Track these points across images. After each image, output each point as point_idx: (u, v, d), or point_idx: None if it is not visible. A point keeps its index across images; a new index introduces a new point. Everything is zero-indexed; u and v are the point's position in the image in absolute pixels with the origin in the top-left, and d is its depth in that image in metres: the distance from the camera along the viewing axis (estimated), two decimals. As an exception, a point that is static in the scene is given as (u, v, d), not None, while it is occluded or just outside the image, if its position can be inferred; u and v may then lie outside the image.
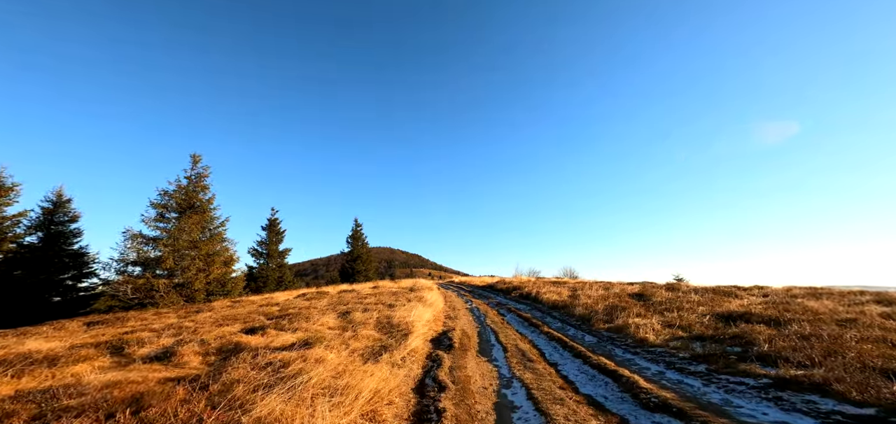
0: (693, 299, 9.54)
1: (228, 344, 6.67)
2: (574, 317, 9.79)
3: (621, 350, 6.34)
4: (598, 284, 16.54)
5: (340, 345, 6.62)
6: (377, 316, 10.21)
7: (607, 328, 7.76)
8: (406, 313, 10.11)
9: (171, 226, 18.53)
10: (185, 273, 17.85)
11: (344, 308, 12.23)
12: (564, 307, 10.97)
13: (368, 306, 12.29)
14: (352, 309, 11.73)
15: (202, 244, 18.83)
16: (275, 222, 30.35)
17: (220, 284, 19.45)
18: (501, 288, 19.83)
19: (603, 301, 10.34)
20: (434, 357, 6.69)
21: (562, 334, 8.09)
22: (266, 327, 8.49)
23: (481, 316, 11.80)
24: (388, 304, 12.79)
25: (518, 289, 17.05)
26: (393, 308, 11.72)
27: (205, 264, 18.81)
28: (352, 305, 12.72)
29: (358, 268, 33.10)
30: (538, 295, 13.68)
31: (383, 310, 11.23)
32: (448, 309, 13.71)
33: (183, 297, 17.69)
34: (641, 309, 8.55)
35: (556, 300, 12.09)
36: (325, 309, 12.21)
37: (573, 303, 10.77)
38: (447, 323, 10.39)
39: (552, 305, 11.81)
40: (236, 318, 10.65)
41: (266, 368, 4.60)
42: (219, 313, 12.31)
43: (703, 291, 11.67)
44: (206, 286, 18.56)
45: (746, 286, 14.19)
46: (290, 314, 11.11)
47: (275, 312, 11.96)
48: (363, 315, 10.38)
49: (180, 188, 19.66)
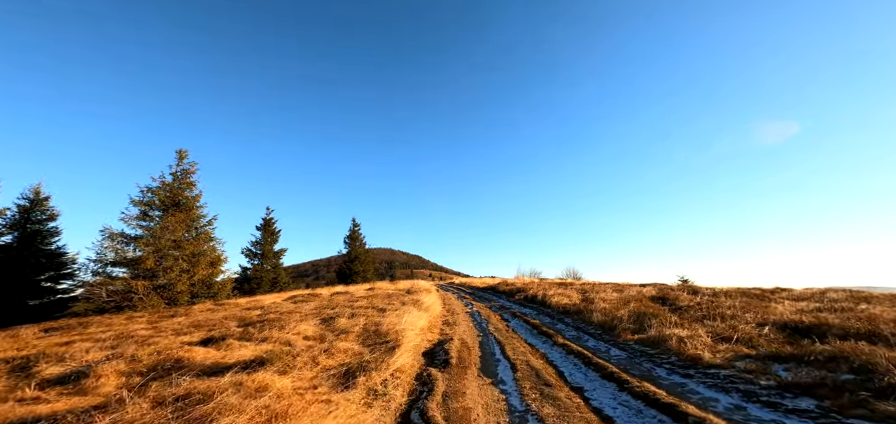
0: (726, 304, 8.04)
1: (166, 360, 5.22)
2: (591, 325, 8.30)
3: (664, 369, 4.86)
4: (609, 285, 15.03)
5: (307, 363, 5.16)
6: (364, 323, 8.75)
7: (637, 339, 6.27)
8: (397, 319, 8.65)
9: (154, 225, 17.12)
10: (167, 274, 16.42)
11: (331, 312, 10.77)
12: (578, 312, 9.48)
13: (358, 310, 10.83)
14: (339, 313, 10.27)
15: (186, 243, 17.41)
16: (270, 222, 28.95)
17: (206, 286, 18.01)
18: (504, 290, 18.33)
19: (623, 305, 8.85)
20: (425, 378, 5.22)
21: (581, 346, 6.61)
22: (228, 337, 7.04)
23: (483, 321, 10.32)
24: (379, 308, 11.33)
25: (522, 291, 15.56)
26: (384, 312, 10.26)
27: (189, 265, 17.37)
28: (340, 309, 11.27)
29: (356, 269, 31.63)
30: (545, 299, 12.18)
31: (373, 316, 9.77)
32: (446, 313, 12.23)
33: (164, 300, 16.24)
34: (674, 316, 7.07)
35: (567, 304, 10.59)
36: (310, 313, 10.76)
37: (588, 308, 9.28)
38: (444, 331, 8.91)
39: (563, 310, 10.32)
40: (205, 325, 9.20)
41: (175, 404, 3.15)
42: (193, 318, 10.87)
43: (731, 294, 10.17)
44: (190, 288, 17.12)
45: (769, 288, 12.69)
46: (268, 319, 9.66)
47: (253, 317, 10.52)
48: (349, 321, 8.92)
49: (165, 185, 18.26)
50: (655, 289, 12.04)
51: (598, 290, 12.80)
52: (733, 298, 9.23)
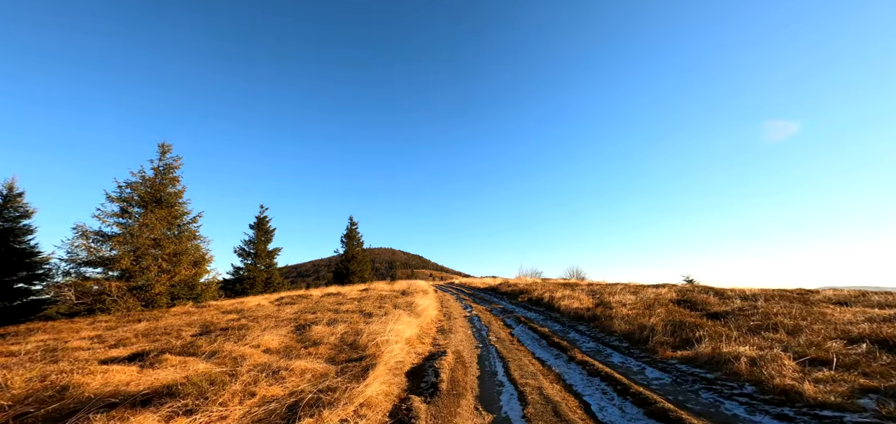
0: (778, 310, 6.54)
1: (48, 388, 3.77)
2: (613, 335, 6.77)
3: (742, 406, 3.36)
4: (620, 286, 13.52)
5: (240, 394, 3.70)
6: (343, 332, 7.29)
7: (682, 358, 4.78)
8: (382, 326, 7.19)
9: (131, 222, 15.72)
10: (144, 274, 15.01)
11: (311, 317, 9.33)
12: (593, 318, 7.95)
13: (342, 315, 9.37)
14: (319, 319, 8.81)
15: (167, 242, 15.99)
16: (263, 220, 27.55)
17: (188, 287, 16.58)
18: (505, 291, 16.84)
19: (645, 310, 7.36)
20: (403, 414, 3.76)
21: (605, 364, 5.13)
22: (167, 352, 5.58)
23: (483, 328, 8.85)
24: (367, 313, 9.87)
25: (526, 293, 14.06)
26: (371, 318, 8.81)
27: (169, 265, 15.96)
28: (323, 313, 9.81)
29: (352, 269, 30.18)
30: (553, 302, 10.67)
31: (356, 322, 8.31)
32: (441, 317, 10.76)
33: (141, 302, 14.83)
34: (720, 325, 5.58)
35: (578, 308, 9.09)
36: (288, 318, 9.32)
37: (605, 314, 7.76)
38: (437, 342, 7.44)
39: (574, 315, 8.81)
40: (156, 334, 7.76)
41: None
42: (154, 324, 9.44)
43: (770, 297, 8.65)
44: (169, 289, 15.70)
45: (806, 290, 11.16)
46: (236, 326, 8.21)
47: (221, 323, 9.09)
48: (326, 329, 7.46)
49: (145, 180, 16.87)
50: (675, 291, 10.53)
51: (611, 292, 11.30)
52: (774, 302, 7.71)
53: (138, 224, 15.52)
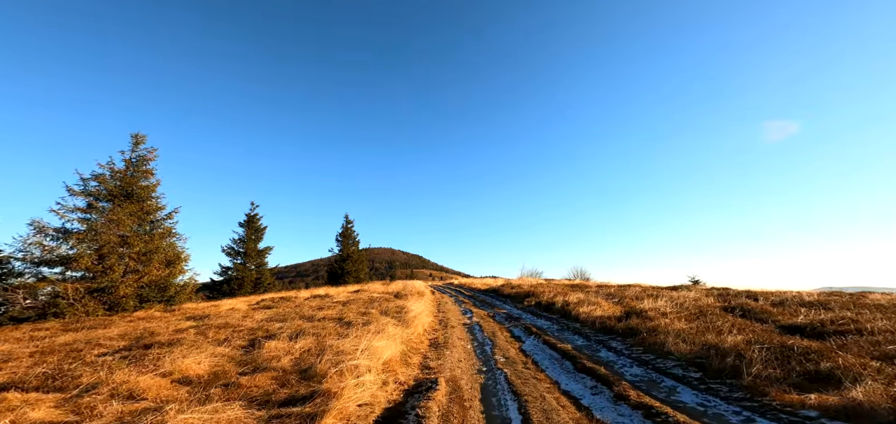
0: (881, 323, 4.72)
1: None
2: (666, 356, 4.87)
3: None
4: (642, 289, 11.67)
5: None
6: (304, 350, 5.46)
7: (820, 405, 2.92)
8: (356, 343, 5.37)
9: (96, 218, 13.88)
10: (108, 275, 13.17)
11: (276, 326, 7.48)
12: (629, 333, 6.05)
13: (314, 325, 7.53)
14: (281, 331, 6.96)
15: (135, 239, 14.13)
16: (254, 217, 25.70)
17: (159, 289, 14.71)
18: (508, 294, 15.00)
19: (703, 322, 5.53)
20: None
21: (682, 411, 3.29)
22: (14, 387, 3.75)
23: (486, 341, 7.02)
24: (347, 321, 8.05)
25: (532, 296, 12.22)
26: (348, 329, 6.98)
27: (138, 264, 14.12)
28: (292, 322, 7.97)
29: (347, 269, 28.31)
30: (568, 307, 8.82)
31: (328, 335, 6.47)
32: (437, 324, 8.93)
33: (104, 305, 12.98)
34: (832, 349, 3.76)
35: (603, 316, 7.24)
36: (246, 330, 7.46)
37: (646, 326, 5.89)
38: (427, 363, 5.62)
39: (600, 326, 6.93)
40: (66, 350, 5.90)
41: None
42: (83, 334, 7.57)
43: (829, 303, 6.80)
44: (138, 291, 13.85)
45: (861, 291, 9.38)
46: (178, 341, 6.35)
47: (169, 333, 7.23)
48: (282, 346, 5.62)
49: (115, 172, 15.02)
50: (714, 296, 8.70)
51: (634, 296, 9.47)
52: (846, 308, 5.88)
53: (102, 220, 13.69)
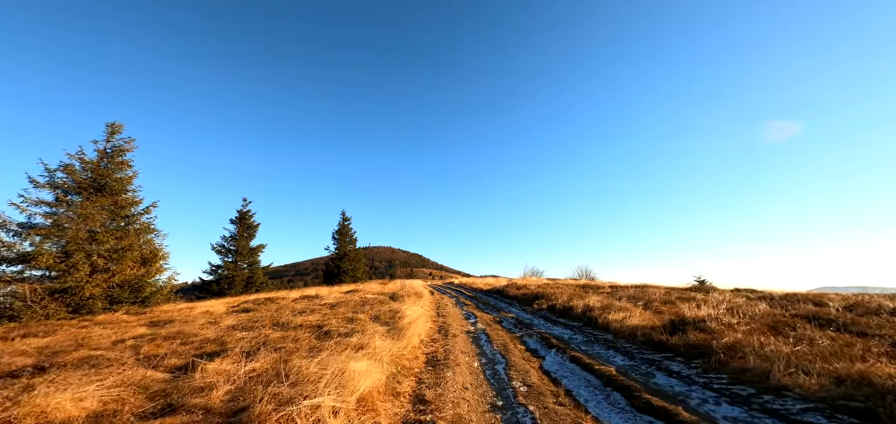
0: None
1: None
2: (786, 392, 3.28)
3: None
4: (666, 291, 10.16)
5: None
6: (249, 375, 3.95)
7: None
8: (326, 367, 3.86)
9: (62, 212, 12.38)
10: (72, 274, 11.67)
11: (238, 336, 5.99)
12: (693, 352, 4.46)
13: (285, 336, 6.03)
14: (238, 344, 5.45)
15: (105, 235, 12.63)
16: (246, 214, 24.22)
17: (133, 289, 13.21)
18: (514, 295, 13.47)
19: (788, 336, 4.03)
20: None
21: None
22: None
23: (496, 356, 5.52)
24: (327, 330, 6.54)
25: (542, 298, 10.69)
26: (327, 340, 5.49)
27: (108, 262, 12.62)
28: (259, 331, 6.46)
29: (344, 268, 26.80)
30: (592, 313, 7.30)
31: (295, 354, 4.94)
32: (435, 333, 7.41)
33: (67, 307, 11.49)
34: None
35: (640, 325, 5.72)
36: (199, 344, 5.96)
37: (714, 343, 4.36)
38: (421, 393, 4.11)
39: (642, 339, 5.40)
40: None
41: None
42: (12, 344, 6.08)
43: None
44: (107, 291, 12.35)
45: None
46: (85, 360, 4.84)
47: (99, 343, 5.73)
48: (225, 370, 4.11)
49: (86, 163, 13.52)
50: (768, 302, 7.15)
51: (665, 299, 7.94)
52: None
53: (67, 215, 12.20)
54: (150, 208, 14.72)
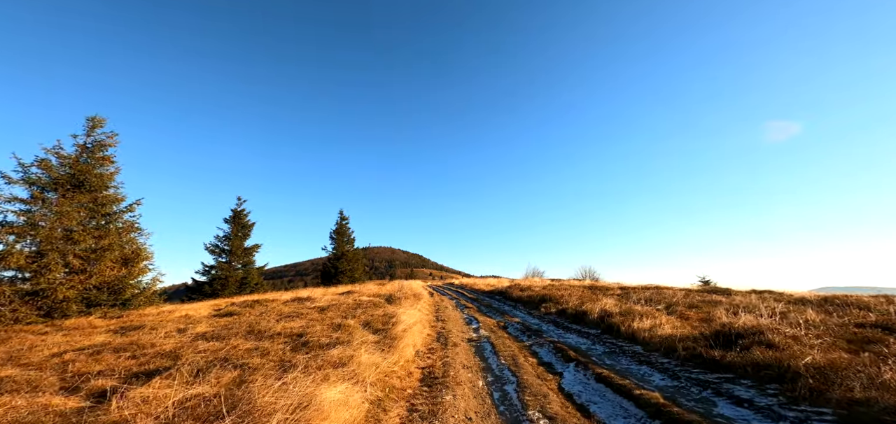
0: None
1: None
2: None
3: None
4: (685, 293, 9.20)
5: None
6: (183, 403, 3.02)
7: None
8: (291, 394, 2.91)
9: (37, 210, 11.46)
10: (46, 274, 10.75)
11: (203, 347, 5.06)
12: (760, 374, 3.39)
13: (254, 347, 5.09)
14: (195, 360, 4.51)
15: (82, 234, 11.70)
16: (240, 213, 23.30)
17: (113, 291, 12.27)
18: (518, 297, 12.51)
19: (874, 354, 3.10)
20: None
21: None
22: None
23: (505, 374, 4.58)
24: (307, 341, 5.59)
25: (551, 301, 9.73)
26: (305, 354, 4.55)
27: (86, 263, 11.68)
28: (227, 342, 5.52)
29: (342, 268, 25.84)
30: (611, 319, 6.33)
31: (258, 372, 3.99)
32: (434, 340, 6.45)
33: (39, 311, 10.56)
34: None
35: (675, 334, 4.77)
36: (151, 358, 5.03)
37: (785, 361, 3.41)
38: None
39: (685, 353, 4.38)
40: None
41: None
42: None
43: None
44: (83, 293, 11.42)
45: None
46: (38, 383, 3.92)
47: (30, 357, 4.79)
48: (163, 393, 3.17)
49: (63, 158, 12.59)
50: (813, 305, 6.18)
51: (691, 303, 6.98)
52: None
53: (53, 211, 11.31)
54: (134, 206, 13.77)
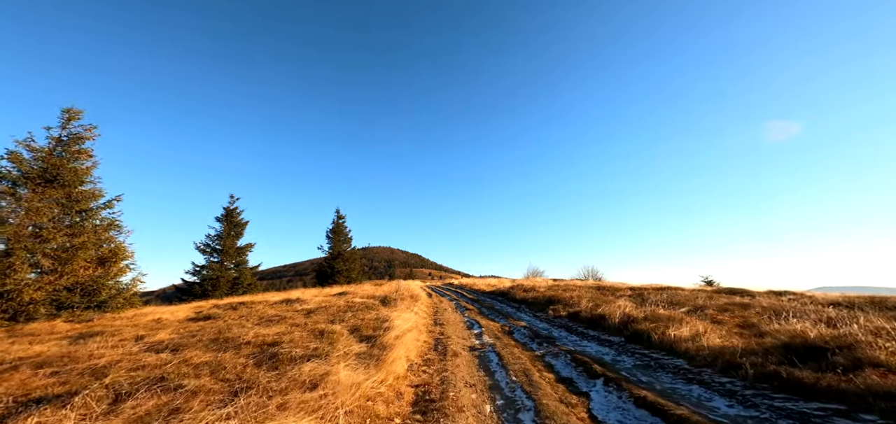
0: None
1: None
2: None
3: None
4: (707, 295, 8.32)
5: None
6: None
7: None
8: None
9: (5, 205, 10.50)
10: (12, 275, 9.79)
11: (142, 366, 4.14)
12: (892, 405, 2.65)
13: (209, 361, 4.16)
14: (116, 381, 3.59)
15: (53, 231, 10.74)
16: (233, 212, 22.34)
17: (87, 293, 11.31)
18: (521, 298, 11.59)
19: None
20: None
21: None
22: None
23: (518, 395, 3.69)
24: (274, 353, 4.65)
25: (559, 303, 8.81)
26: (269, 366, 3.62)
27: (56, 263, 10.72)
28: (179, 357, 4.60)
29: (338, 268, 24.88)
30: (635, 325, 5.43)
31: (195, 403, 3.06)
32: (431, 349, 5.52)
33: (3, 314, 9.60)
34: None
35: (726, 345, 3.84)
36: (74, 376, 4.10)
37: None
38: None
39: (754, 371, 3.43)
40: None
41: None
42: None
43: None
44: (52, 295, 10.46)
45: None
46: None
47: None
48: None
49: (36, 152, 11.62)
50: (879, 313, 5.28)
51: (721, 306, 6.09)
52: None
53: (24, 207, 10.37)
54: (113, 202, 12.77)
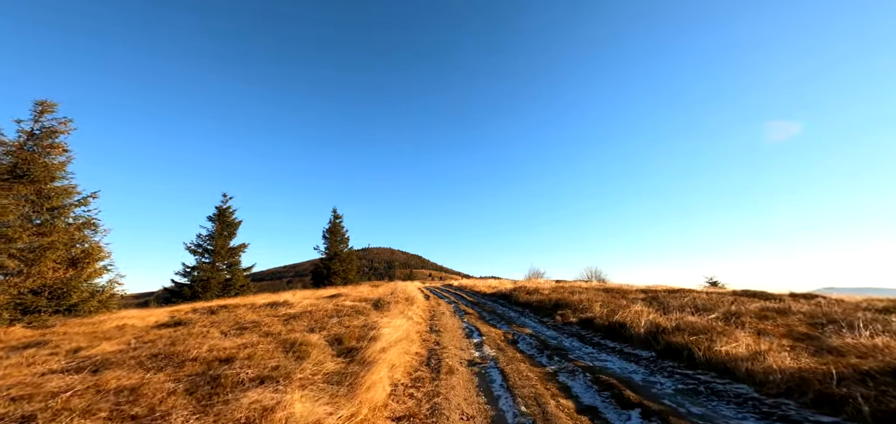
0: None
1: None
2: None
3: None
4: (734, 299, 7.36)
5: None
6: None
7: None
8: None
9: (-34, 201, 9.61)
10: (-31, 278, 8.90)
11: (55, 393, 3.24)
12: None
13: (137, 383, 3.23)
14: (10, 416, 2.67)
15: (19, 230, 9.82)
16: (225, 211, 21.45)
17: (56, 296, 10.39)
18: (524, 301, 10.64)
19: None
20: None
21: None
22: None
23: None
24: (219, 375, 3.73)
25: (568, 307, 7.87)
26: (209, 394, 2.69)
27: (22, 263, 9.81)
28: (109, 373, 3.68)
29: (335, 269, 23.96)
30: (666, 336, 4.50)
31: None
32: (423, 363, 4.58)
33: (-41, 322, 8.70)
34: None
35: (799, 367, 2.93)
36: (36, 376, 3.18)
37: None
38: None
39: (857, 406, 2.59)
40: None
41: None
42: None
43: None
44: (15, 299, 9.56)
45: None
46: None
47: None
48: None
49: (5, 146, 10.74)
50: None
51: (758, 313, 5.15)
52: None
53: None
54: (88, 199, 11.87)
